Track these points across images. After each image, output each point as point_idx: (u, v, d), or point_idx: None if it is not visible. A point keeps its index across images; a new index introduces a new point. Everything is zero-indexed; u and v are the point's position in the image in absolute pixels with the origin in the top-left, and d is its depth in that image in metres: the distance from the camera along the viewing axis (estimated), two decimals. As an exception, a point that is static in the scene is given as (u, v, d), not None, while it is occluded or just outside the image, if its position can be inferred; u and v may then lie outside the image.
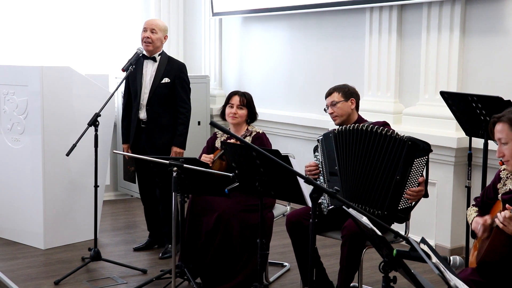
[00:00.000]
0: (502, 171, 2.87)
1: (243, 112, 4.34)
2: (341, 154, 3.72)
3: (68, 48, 6.79)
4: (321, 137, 3.84)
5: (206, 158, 4.28)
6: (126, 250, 5.05)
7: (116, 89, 4.67)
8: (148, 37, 4.81)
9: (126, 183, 6.79)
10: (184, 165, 3.62)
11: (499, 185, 2.85)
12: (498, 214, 2.62)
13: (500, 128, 2.72)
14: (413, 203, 3.61)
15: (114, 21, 7.11)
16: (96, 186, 4.51)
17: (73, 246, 5.09)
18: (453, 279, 2.04)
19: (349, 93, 3.91)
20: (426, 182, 3.63)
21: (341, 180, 3.70)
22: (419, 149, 3.57)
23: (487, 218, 2.78)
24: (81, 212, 5.17)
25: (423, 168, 3.58)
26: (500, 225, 2.61)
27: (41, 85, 4.86)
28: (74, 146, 4.35)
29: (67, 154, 4.36)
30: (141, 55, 4.85)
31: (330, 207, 3.70)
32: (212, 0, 7.03)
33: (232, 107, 4.32)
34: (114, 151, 4.48)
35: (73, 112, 5.03)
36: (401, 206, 3.60)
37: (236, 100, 4.33)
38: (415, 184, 3.57)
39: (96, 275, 4.46)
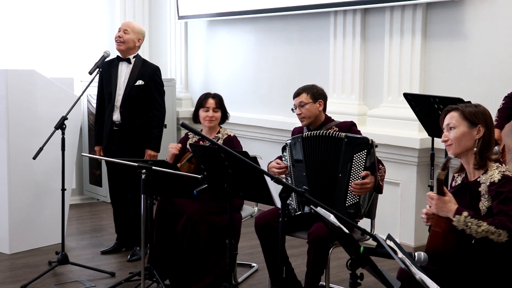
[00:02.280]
0: (455, 175, 3.03)
1: (219, 114, 4.38)
2: (308, 159, 3.78)
3: (32, 51, 6.73)
4: (289, 140, 3.90)
5: (174, 145, 4.33)
6: (94, 253, 5.03)
7: (83, 92, 4.66)
8: (119, 37, 4.85)
9: (92, 186, 6.76)
10: (153, 167, 3.64)
11: (453, 183, 2.99)
12: None
13: (451, 116, 2.90)
14: (361, 196, 3.63)
15: (79, 24, 7.07)
16: (63, 190, 4.48)
17: (39, 250, 5.05)
18: (418, 273, 2.12)
19: (318, 95, 3.93)
20: (375, 176, 3.62)
21: (308, 184, 3.76)
22: (356, 144, 3.64)
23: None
24: (47, 216, 5.12)
25: (364, 163, 3.62)
26: (427, 207, 2.79)
27: (6, 88, 4.82)
28: (41, 149, 4.32)
29: (34, 158, 4.33)
30: (115, 57, 4.89)
31: (298, 213, 3.76)
32: (178, 4, 7.04)
33: (207, 110, 4.34)
34: (83, 153, 4.46)
35: (38, 116, 5.00)
36: (349, 202, 3.65)
37: (211, 103, 4.36)
38: (358, 179, 3.62)
39: (64, 279, 4.43)
